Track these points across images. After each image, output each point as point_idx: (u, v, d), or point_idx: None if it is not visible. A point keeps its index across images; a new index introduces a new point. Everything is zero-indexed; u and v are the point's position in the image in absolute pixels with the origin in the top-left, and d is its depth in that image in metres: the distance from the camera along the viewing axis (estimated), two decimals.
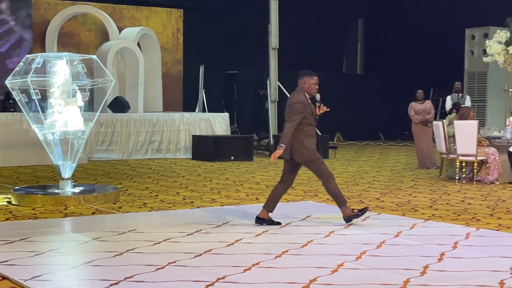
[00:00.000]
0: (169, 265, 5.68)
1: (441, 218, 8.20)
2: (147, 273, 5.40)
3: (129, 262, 5.79)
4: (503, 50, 12.79)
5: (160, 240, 6.69)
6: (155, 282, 5.15)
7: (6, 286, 5.05)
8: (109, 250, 6.24)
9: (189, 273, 5.45)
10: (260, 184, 11.49)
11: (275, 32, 17.95)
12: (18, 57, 15.91)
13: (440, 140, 12.41)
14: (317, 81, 7.77)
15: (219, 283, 5.16)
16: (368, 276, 5.40)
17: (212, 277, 5.28)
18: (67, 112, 9.19)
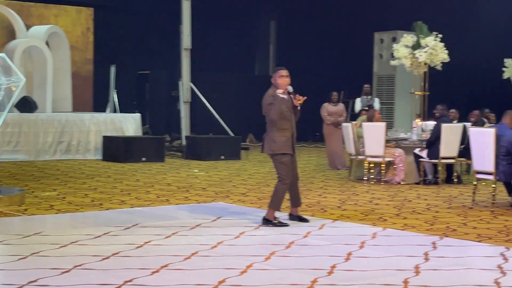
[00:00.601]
0: (75, 268, 5.56)
1: (349, 218, 8.34)
2: (52, 277, 5.27)
3: (34, 265, 5.64)
4: (410, 54, 13.10)
5: (67, 243, 6.54)
6: (59, 286, 5.03)
7: None
8: (13, 253, 6.06)
9: (96, 276, 5.35)
10: (171, 186, 11.41)
11: (188, 33, 17.87)
12: None
13: (349, 142, 12.63)
14: (285, 74, 7.87)
15: (127, 286, 5.09)
16: (277, 277, 5.44)
17: (119, 280, 5.20)
18: None
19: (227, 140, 17.31)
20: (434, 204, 9.63)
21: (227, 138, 17.48)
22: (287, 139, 7.84)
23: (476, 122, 13.41)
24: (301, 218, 8.05)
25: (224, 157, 16.59)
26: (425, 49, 12.90)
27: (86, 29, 19.18)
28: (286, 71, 7.93)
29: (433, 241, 6.91)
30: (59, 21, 18.61)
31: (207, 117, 18.62)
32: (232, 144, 17.14)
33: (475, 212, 8.97)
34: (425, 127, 12.86)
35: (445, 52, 13.03)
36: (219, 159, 16.47)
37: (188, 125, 18.08)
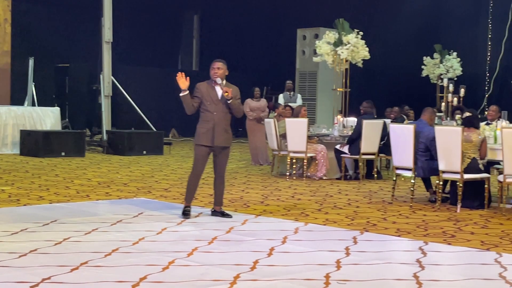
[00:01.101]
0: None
1: (272, 214, 8.36)
2: None
3: None
4: (332, 50, 13.26)
5: None
6: None
7: None
8: None
9: (13, 273, 5.19)
10: (91, 181, 11.20)
11: (109, 25, 17.58)
12: None
13: (272, 137, 12.67)
14: (216, 66, 7.87)
15: (44, 283, 4.96)
16: (199, 273, 5.39)
17: (37, 278, 5.06)
18: None
19: (149, 135, 17.14)
20: (354, 199, 9.76)
21: (149, 133, 17.30)
22: (207, 131, 7.82)
23: (396, 119, 13.67)
24: (224, 213, 8.02)
25: (146, 152, 16.42)
26: (346, 46, 13.07)
27: (3, 20, 18.63)
28: (218, 63, 7.90)
29: (354, 236, 7.00)
30: None
31: (129, 111, 18.39)
32: (155, 139, 16.99)
33: (394, 207, 9.13)
34: (346, 123, 13.04)
35: (366, 50, 13.24)
36: (141, 154, 16.29)
37: (109, 120, 17.79)
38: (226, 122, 7.90)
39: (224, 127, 7.87)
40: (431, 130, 9.27)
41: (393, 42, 19.97)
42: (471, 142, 8.89)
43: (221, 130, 7.84)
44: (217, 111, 7.85)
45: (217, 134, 7.82)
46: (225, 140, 7.90)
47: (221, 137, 7.85)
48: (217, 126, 7.83)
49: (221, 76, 7.87)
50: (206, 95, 7.85)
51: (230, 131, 8.03)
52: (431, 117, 9.81)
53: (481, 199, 9.03)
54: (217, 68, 7.87)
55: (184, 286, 5.02)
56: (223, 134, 7.86)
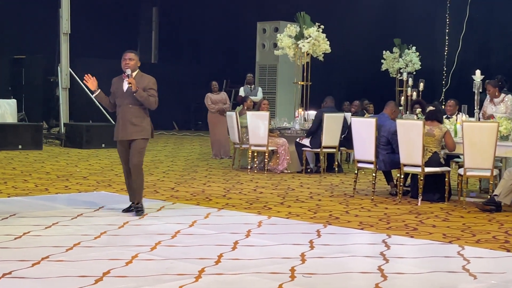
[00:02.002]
0: None
1: (235, 207, 8.32)
2: None
3: None
4: (293, 44, 13.25)
5: None
6: None
7: None
8: None
9: None
10: (50, 174, 11.02)
11: (67, 17, 17.32)
12: None
13: (234, 130, 12.63)
14: (128, 56, 7.60)
15: (5, 278, 4.85)
16: (163, 267, 5.33)
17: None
18: None
19: (108, 128, 16.90)
20: (316, 193, 9.78)
21: (108, 126, 17.08)
22: (116, 125, 7.70)
23: (356, 112, 13.73)
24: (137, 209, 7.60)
25: (105, 145, 16.22)
26: (308, 39, 13.07)
27: None
28: (130, 54, 7.63)
29: (318, 229, 7.00)
30: None
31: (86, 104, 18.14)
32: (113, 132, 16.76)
33: (356, 200, 9.17)
34: (307, 116, 13.05)
35: (327, 43, 13.25)
36: (100, 147, 16.10)
37: (67, 112, 17.55)
38: (132, 114, 7.53)
39: (130, 120, 7.52)
40: (392, 124, 9.32)
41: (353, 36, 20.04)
42: (433, 137, 8.96)
43: (126, 123, 7.54)
44: (123, 104, 7.59)
45: (122, 127, 7.57)
46: (131, 133, 7.55)
47: (126, 131, 7.55)
48: (122, 119, 7.57)
49: (132, 67, 7.57)
50: (115, 89, 7.67)
51: (143, 123, 7.60)
52: (393, 110, 9.86)
53: (442, 192, 9.11)
54: (129, 59, 7.58)
55: (148, 280, 4.96)
56: (129, 127, 7.53)
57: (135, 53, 7.68)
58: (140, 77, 7.63)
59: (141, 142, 7.64)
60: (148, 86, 7.59)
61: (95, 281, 4.86)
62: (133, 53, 7.66)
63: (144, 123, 7.63)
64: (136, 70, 7.63)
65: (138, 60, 7.68)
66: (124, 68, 7.56)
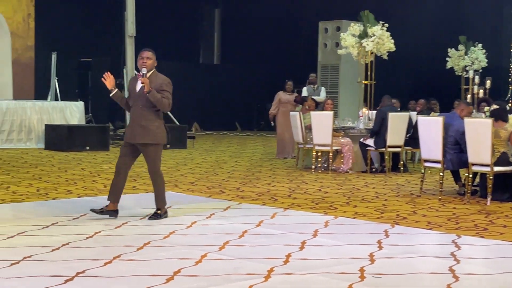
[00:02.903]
0: (25, 260, 5.39)
1: (300, 207, 8.32)
2: (1, 269, 5.10)
3: None
4: (357, 43, 13.18)
5: (14, 234, 6.35)
6: (10, 278, 4.87)
7: None
8: None
9: (47, 267, 5.19)
10: None
11: (132, 19, 17.59)
12: None
13: (297, 130, 12.63)
14: (145, 55, 7.25)
15: (79, 277, 4.95)
16: (232, 266, 5.37)
17: (71, 271, 5.06)
18: None
19: (172, 129, 17.01)
20: (382, 193, 9.70)
21: (172, 127, 17.20)
22: (128, 126, 7.39)
23: (422, 111, 13.56)
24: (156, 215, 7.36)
25: (170, 146, 16.40)
26: (372, 38, 12.98)
27: (27, 15, 18.72)
28: (147, 53, 7.28)
29: (385, 229, 6.94)
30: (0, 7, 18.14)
31: None
32: (178, 133, 16.97)
33: (423, 200, 9.06)
34: (371, 116, 12.96)
35: (391, 42, 13.14)
36: (165, 148, 16.19)
37: None
38: (143, 117, 7.17)
39: (140, 122, 7.15)
40: (461, 124, 9.14)
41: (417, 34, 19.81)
42: (499, 138, 8.78)
43: (135, 125, 7.19)
44: (134, 105, 7.26)
45: (131, 129, 7.24)
46: (140, 137, 7.16)
47: (135, 133, 7.20)
48: (132, 121, 7.25)
49: (149, 67, 7.20)
50: (129, 89, 7.38)
51: (153, 126, 7.19)
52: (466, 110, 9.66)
53: (511, 192, 8.93)
54: (146, 57, 7.23)
55: (218, 279, 5.00)
56: (138, 130, 7.16)
57: (152, 52, 7.33)
58: (155, 77, 7.26)
59: (152, 149, 7.23)
60: (161, 87, 7.23)
61: (166, 280, 4.93)
62: (150, 51, 7.31)
63: (154, 127, 7.21)
64: (152, 70, 7.28)
65: (155, 60, 7.34)
66: (141, 67, 7.21)
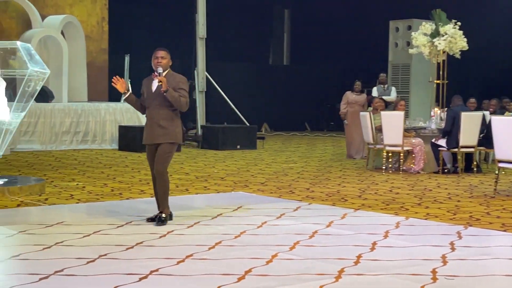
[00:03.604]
0: (100, 258, 5.54)
1: (371, 208, 8.28)
2: (78, 267, 5.25)
3: (59, 255, 5.62)
4: (429, 42, 13.01)
5: (90, 233, 6.53)
6: (86, 276, 5.01)
7: None
8: (36, 243, 6.04)
9: (122, 265, 5.32)
10: (189, 175, 11.37)
11: (203, 22, 17.81)
12: None
13: (367, 131, 12.55)
14: (160, 54, 7.06)
15: (153, 275, 5.06)
16: (303, 266, 5.39)
17: (145, 270, 5.17)
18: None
19: (242, 130, 17.27)
20: (455, 194, 9.56)
21: (242, 128, 17.44)
22: (145, 127, 7.22)
23: (495, 111, 13.31)
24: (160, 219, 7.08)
25: (240, 147, 16.56)
26: (444, 37, 12.80)
27: (101, 19, 19.15)
28: (162, 52, 7.11)
29: (458, 231, 6.84)
30: (74, 10, 18.60)
31: (221, 106, 18.59)
32: (248, 134, 17.10)
33: (497, 202, 8.89)
34: (444, 116, 12.77)
35: (464, 40, 12.93)
36: (235, 148, 16.44)
37: (203, 115, 18.05)
38: (160, 117, 7.04)
39: (158, 122, 7.03)
40: None
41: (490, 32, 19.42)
42: None
43: (154, 125, 7.06)
44: (151, 105, 7.12)
45: (149, 130, 7.10)
46: (157, 137, 7.04)
47: (153, 134, 7.07)
48: (150, 121, 7.10)
49: (164, 66, 7.04)
50: (145, 90, 7.20)
51: (172, 126, 7.08)
52: None
53: None
54: (161, 57, 7.05)
55: (289, 279, 5.03)
56: (156, 130, 7.04)
57: (166, 51, 7.17)
58: (171, 76, 7.10)
59: (167, 146, 7.07)
60: (178, 86, 7.07)
61: (237, 279, 4.99)
62: (165, 51, 7.15)
63: (173, 126, 7.10)
64: (167, 69, 7.12)
65: (170, 59, 7.17)
66: (156, 67, 7.04)
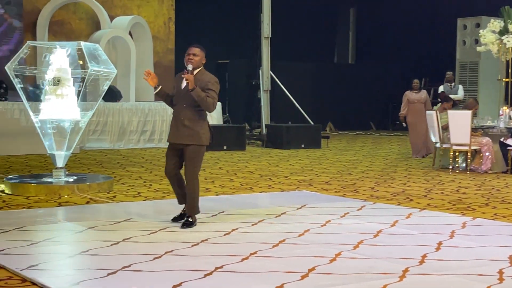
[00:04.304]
0: (166, 254, 5.64)
1: (437, 207, 8.19)
2: (145, 262, 5.36)
3: (126, 251, 5.74)
4: (497, 39, 12.78)
5: (156, 230, 6.65)
6: (153, 271, 5.11)
7: (3, 275, 5.00)
8: (105, 239, 6.19)
9: (187, 262, 5.41)
10: (253, 174, 11.45)
11: (268, 21, 17.88)
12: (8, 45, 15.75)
13: (434, 130, 12.40)
14: (192, 51, 6.80)
15: (218, 272, 5.13)
16: (367, 265, 5.38)
17: (210, 266, 5.24)
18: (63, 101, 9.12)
19: (307, 129, 17.26)
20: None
21: (307, 127, 17.43)
22: (171, 125, 6.98)
23: None
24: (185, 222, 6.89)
25: (304, 146, 16.56)
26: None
27: (168, 19, 19.42)
28: (195, 49, 6.82)
29: None
30: (142, 11, 18.91)
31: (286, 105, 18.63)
32: (312, 133, 17.09)
33: None
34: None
35: None
36: (299, 147, 16.45)
37: (268, 114, 18.12)
38: (185, 116, 6.80)
39: (182, 122, 6.80)
40: None
41: None
42: None
43: (179, 124, 6.82)
44: (178, 103, 6.89)
45: (175, 129, 6.86)
46: (182, 137, 6.80)
47: (178, 133, 6.83)
48: (175, 119, 6.88)
49: (195, 64, 6.76)
50: (175, 86, 6.97)
51: (197, 127, 6.80)
52: None
53: None
54: (193, 54, 6.77)
55: (353, 278, 5.03)
56: (181, 129, 6.80)
57: (200, 48, 6.87)
58: (202, 75, 6.82)
59: (193, 149, 6.80)
60: (207, 86, 6.76)
61: (301, 277, 5.01)
62: (198, 48, 6.86)
63: (198, 127, 6.82)
64: (200, 67, 6.83)
65: (204, 57, 6.88)
66: (186, 64, 6.78)
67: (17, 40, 15.86)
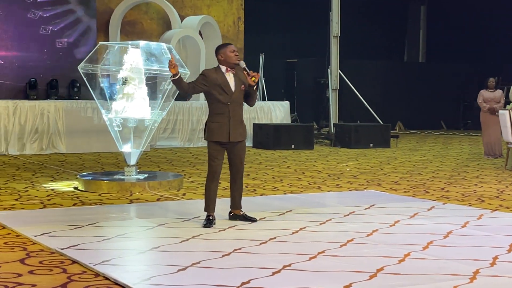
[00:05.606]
0: (235, 252, 5.70)
1: (509, 209, 8.03)
2: (214, 259, 5.43)
3: (195, 248, 5.83)
4: None
5: (225, 227, 6.72)
6: (222, 268, 5.17)
7: (77, 270, 5.14)
8: (175, 236, 6.30)
9: (255, 260, 5.45)
10: (321, 173, 11.44)
11: (337, 20, 17.82)
12: (85, 47, 16.12)
13: (507, 130, 12.15)
14: (234, 49, 6.79)
15: (286, 270, 5.16)
16: (436, 266, 5.32)
17: (278, 264, 5.27)
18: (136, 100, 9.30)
19: (376, 128, 17.14)
20: None
21: (376, 126, 17.30)
22: (220, 125, 6.79)
23: None
24: (247, 217, 7.10)
25: (373, 145, 16.44)
26: None
27: (237, 19, 19.55)
28: (232, 46, 6.84)
29: None
30: (212, 11, 19.09)
31: (354, 104, 18.54)
32: (381, 132, 16.95)
33: None
34: None
35: None
36: (368, 147, 16.35)
37: (336, 113, 18.06)
38: (241, 112, 6.86)
39: (240, 119, 6.84)
40: None
41: None
42: None
43: (237, 123, 6.82)
44: (231, 101, 6.78)
45: (233, 128, 6.81)
46: (242, 134, 6.89)
47: (237, 131, 6.84)
48: (233, 119, 6.80)
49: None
50: (215, 84, 6.76)
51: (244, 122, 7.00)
52: None
53: None
54: (234, 51, 6.77)
55: (421, 279, 4.99)
56: (239, 127, 6.85)
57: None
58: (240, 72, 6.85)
59: (244, 144, 7.00)
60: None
61: (369, 277, 5.00)
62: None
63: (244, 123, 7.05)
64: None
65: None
66: (236, 60, 6.73)
67: (93, 42, 16.22)
